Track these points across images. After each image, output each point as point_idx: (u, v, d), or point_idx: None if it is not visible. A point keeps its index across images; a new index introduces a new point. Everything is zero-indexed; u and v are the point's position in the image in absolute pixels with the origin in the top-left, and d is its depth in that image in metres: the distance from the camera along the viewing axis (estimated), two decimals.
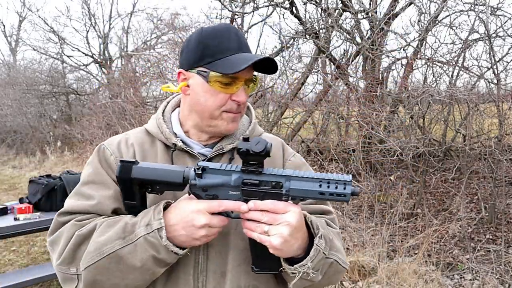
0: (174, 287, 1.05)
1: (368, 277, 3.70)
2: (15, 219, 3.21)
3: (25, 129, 13.39)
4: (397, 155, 4.62)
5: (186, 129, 1.16)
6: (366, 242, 4.02)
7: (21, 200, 3.58)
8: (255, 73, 1.12)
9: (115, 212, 1.06)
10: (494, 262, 3.79)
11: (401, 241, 4.18)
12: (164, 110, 1.21)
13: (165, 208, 0.98)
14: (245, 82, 1.07)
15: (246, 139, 0.90)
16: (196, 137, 1.15)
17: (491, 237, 4.42)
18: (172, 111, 1.21)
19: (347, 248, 4.08)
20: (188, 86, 1.10)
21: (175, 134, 1.14)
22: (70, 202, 1.08)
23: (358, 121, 5.92)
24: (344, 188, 0.89)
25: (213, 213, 0.95)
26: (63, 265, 0.99)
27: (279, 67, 1.20)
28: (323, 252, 1.00)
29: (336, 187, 0.90)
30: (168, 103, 1.24)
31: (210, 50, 1.04)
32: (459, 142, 5.29)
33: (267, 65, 1.07)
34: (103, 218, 1.03)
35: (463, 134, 5.17)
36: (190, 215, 0.93)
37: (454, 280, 3.73)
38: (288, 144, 1.32)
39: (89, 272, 0.95)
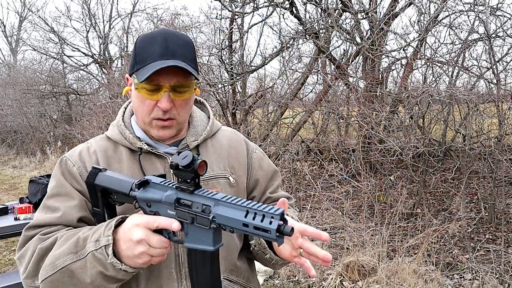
0: (158, 281, 1.07)
1: (368, 277, 3.70)
2: (16, 219, 3.21)
3: (26, 129, 13.39)
4: (397, 155, 4.62)
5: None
6: (366, 242, 4.03)
7: (21, 200, 3.59)
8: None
9: (81, 220, 1.07)
10: (494, 262, 3.79)
11: (401, 241, 4.18)
12: (123, 116, 1.22)
13: (121, 223, 0.96)
14: (170, 88, 1.06)
15: (179, 152, 0.86)
16: (157, 138, 1.17)
17: (490, 237, 4.43)
18: (131, 116, 1.22)
19: (347, 248, 4.08)
20: (131, 90, 1.14)
21: (139, 138, 1.16)
22: (37, 216, 1.09)
23: (358, 121, 5.93)
24: (270, 223, 0.76)
25: (155, 231, 0.91)
26: (28, 279, 1.00)
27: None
28: None
29: (262, 220, 0.77)
30: (125, 108, 1.25)
31: (138, 57, 1.07)
32: (459, 142, 5.29)
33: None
34: (66, 229, 1.04)
35: (462, 134, 5.17)
36: (129, 229, 0.91)
37: (453, 280, 3.74)
38: (287, 144, 1.36)
39: (45, 285, 0.97)
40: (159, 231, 0.91)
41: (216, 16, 6.41)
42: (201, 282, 0.93)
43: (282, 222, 0.77)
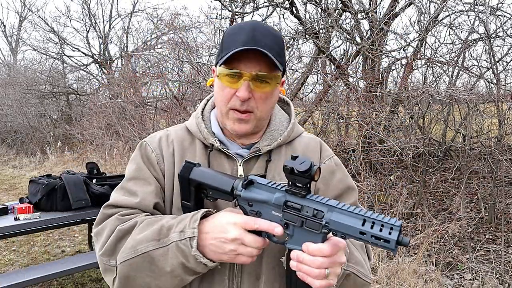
0: (210, 286, 1.06)
1: None
2: (16, 219, 3.21)
3: (26, 129, 13.39)
4: (397, 155, 4.62)
5: (222, 127, 1.15)
6: None
7: (21, 200, 3.59)
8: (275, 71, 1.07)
9: (156, 207, 1.08)
10: (494, 262, 3.79)
11: None
12: (203, 109, 1.20)
13: (205, 217, 0.97)
14: (252, 78, 1.02)
15: (294, 157, 0.86)
16: (231, 136, 1.14)
17: (490, 237, 4.43)
18: (212, 109, 1.20)
19: None
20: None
21: (214, 133, 1.14)
22: (115, 196, 1.10)
23: (358, 121, 5.93)
24: (389, 234, 0.77)
25: (250, 231, 0.91)
26: (104, 256, 1.01)
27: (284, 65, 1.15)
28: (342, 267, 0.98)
29: (381, 230, 0.78)
30: (208, 100, 1.23)
31: (224, 45, 1.05)
32: (458, 142, 5.29)
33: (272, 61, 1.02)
34: (145, 215, 1.05)
35: (462, 134, 5.17)
36: (224, 226, 0.92)
37: (453, 280, 3.74)
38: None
39: (123, 267, 0.97)
40: (256, 232, 0.92)
41: (216, 16, 6.42)
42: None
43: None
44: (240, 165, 1.09)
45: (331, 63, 6.73)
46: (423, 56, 5.50)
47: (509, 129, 4.93)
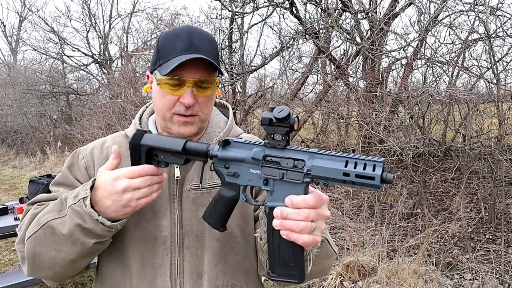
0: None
1: (368, 277, 3.70)
2: (16, 219, 3.21)
3: (26, 129, 13.39)
4: (397, 155, 4.62)
5: (159, 132, 1.17)
6: (366, 242, 4.03)
7: (21, 200, 3.59)
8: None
9: None
10: (494, 262, 3.79)
11: (401, 241, 4.18)
12: (141, 115, 1.23)
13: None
14: (195, 84, 1.05)
15: (271, 109, 0.84)
16: None
17: (490, 237, 4.43)
18: (150, 116, 1.23)
19: (347, 248, 4.08)
20: (152, 88, 1.14)
21: None
22: (38, 196, 1.14)
23: (358, 121, 5.93)
24: (373, 170, 0.75)
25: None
26: (20, 244, 1.03)
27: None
28: None
29: (364, 168, 0.76)
30: (147, 107, 1.25)
31: (161, 53, 1.06)
32: (458, 142, 5.29)
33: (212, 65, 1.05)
34: None
35: (462, 134, 5.17)
36: (110, 183, 0.92)
37: (453, 280, 3.74)
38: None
39: (29, 243, 0.99)
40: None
41: (216, 16, 6.41)
42: (284, 275, 0.90)
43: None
44: (177, 167, 1.11)
45: (331, 63, 6.73)
46: (423, 56, 5.49)
47: (509, 129, 4.93)
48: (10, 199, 7.51)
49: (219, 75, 1.11)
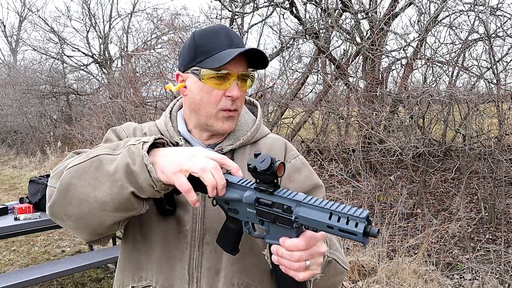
0: (171, 279, 1.08)
1: (368, 277, 3.70)
2: (15, 219, 3.21)
3: (26, 129, 13.39)
4: (397, 155, 4.62)
5: (189, 128, 1.18)
6: None
7: (21, 200, 3.59)
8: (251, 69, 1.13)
9: None
10: (494, 262, 3.79)
11: (401, 241, 4.18)
12: (172, 109, 1.24)
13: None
14: (238, 77, 1.08)
15: (256, 155, 0.87)
16: (198, 136, 1.17)
17: (490, 237, 4.43)
18: (179, 110, 1.25)
19: (347, 248, 4.08)
20: (185, 87, 1.14)
21: (179, 132, 1.17)
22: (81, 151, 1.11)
23: (358, 121, 5.93)
24: (356, 226, 0.76)
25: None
26: (54, 178, 0.99)
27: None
28: (325, 254, 1.00)
29: (347, 223, 0.77)
30: (177, 101, 1.27)
31: (201, 49, 1.08)
32: (458, 142, 5.29)
33: (259, 59, 1.09)
34: None
35: (462, 134, 5.17)
36: (191, 153, 0.91)
37: (453, 280, 3.74)
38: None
39: (69, 173, 0.94)
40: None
41: (216, 16, 6.41)
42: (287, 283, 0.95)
43: (367, 224, 0.77)
44: None
45: (331, 63, 6.73)
46: (423, 56, 5.50)
47: (509, 129, 4.93)
48: (10, 199, 7.51)
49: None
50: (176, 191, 0.96)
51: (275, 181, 0.88)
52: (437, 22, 5.19)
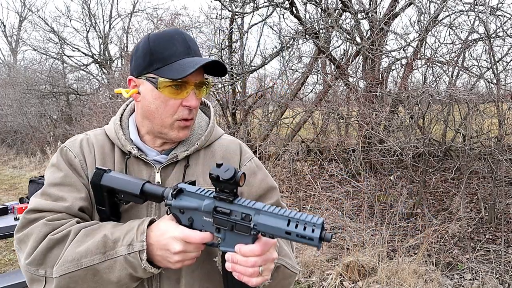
0: None
1: (368, 277, 3.70)
2: (16, 219, 3.21)
3: (26, 129, 13.39)
4: (397, 155, 4.62)
5: (142, 134, 1.14)
6: (366, 242, 4.03)
7: (21, 200, 3.59)
8: (206, 76, 1.11)
9: (82, 210, 1.07)
10: (494, 262, 3.79)
11: (401, 241, 4.18)
12: (122, 114, 1.19)
13: (149, 224, 0.98)
14: (195, 86, 1.05)
15: (219, 165, 0.89)
16: (151, 143, 1.14)
17: (490, 237, 4.43)
18: (130, 115, 1.19)
19: (347, 248, 4.08)
20: (139, 93, 1.10)
21: (132, 140, 1.13)
22: (37, 202, 1.05)
23: (358, 121, 5.93)
24: (312, 231, 0.82)
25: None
26: (32, 266, 0.98)
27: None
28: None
29: (304, 229, 0.82)
30: (127, 105, 1.22)
31: (158, 56, 1.04)
32: (458, 142, 5.29)
33: (217, 67, 1.07)
34: (76, 221, 1.02)
35: (462, 134, 5.17)
36: (166, 240, 0.93)
37: (453, 280, 3.74)
38: (287, 145, 1.30)
39: (63, 279, 0.96)
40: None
41: (216, 16, 6.41)
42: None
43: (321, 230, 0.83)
44: (157, 172, 1.10)
45: (331, 63, 6.73)
46: (423, 56, 5.50)
47: (509, 129, 4.93)
48: (10, 199, 7.51)
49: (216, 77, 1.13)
50: None
51: (235, 190, 0.91)
52: (437, 22, 5.19)
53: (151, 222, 0.99)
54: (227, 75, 6.35)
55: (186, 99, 1.05)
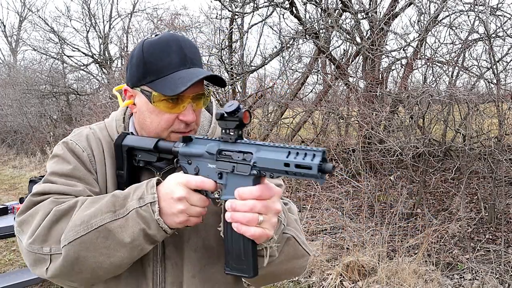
0: None
1: (368, 277, 3.70)
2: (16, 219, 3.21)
3: (26, 129, 13.39)
4: (397, 155, 4.62)
5: None
6: (366, 242, 4.03)
7: (21, 200, 3.59)
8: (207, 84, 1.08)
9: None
10: (494, 262, 3.79)
11: (401, 241, 4.18)
12: (125, 114, 1.15)
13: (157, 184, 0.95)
14: (192, 98, 1.01)
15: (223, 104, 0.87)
16: None
17: (490, 237, 4.43)
18: (131, 116, 1.15)
19: (347, 248, 4.08)
20: (134, 104, 1.07)
21: None
22: (45, 185, 1.01)
23: (358, 121, 5.93)
24: (312, 159, 0.76)
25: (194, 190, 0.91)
26: (36, 244, 0.91)
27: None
28: (282, 223, 0.97)
29: (304, 158, 0.77)
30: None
31: (151, 67, 0.99)
32: (458, 142, 5.29)
33: (216, 76, 1.02)
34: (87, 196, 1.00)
35: (462, 134, 5.17)
36: (170, 187, 0.90)
37: (453, 280, 3.74)
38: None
39: (72, 247, 0.89)
40: (198, 190, 0.92)
41: (216, 16, 6.42)
42: (237, 269, 0.93)
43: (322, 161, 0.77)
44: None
45: (331, 63, 6.73)
46: (423, 56, 5.50)
47: (509, 129, 4.93)
48: (10, 199, 7.51)
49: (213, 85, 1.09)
50: None
51: (240, 131, 0.88)
52: (437, 22, 5.19)
53: (159, 182, 0.95)
54: (227, 75, 6.36)
55: (182, 113, 1.01)
